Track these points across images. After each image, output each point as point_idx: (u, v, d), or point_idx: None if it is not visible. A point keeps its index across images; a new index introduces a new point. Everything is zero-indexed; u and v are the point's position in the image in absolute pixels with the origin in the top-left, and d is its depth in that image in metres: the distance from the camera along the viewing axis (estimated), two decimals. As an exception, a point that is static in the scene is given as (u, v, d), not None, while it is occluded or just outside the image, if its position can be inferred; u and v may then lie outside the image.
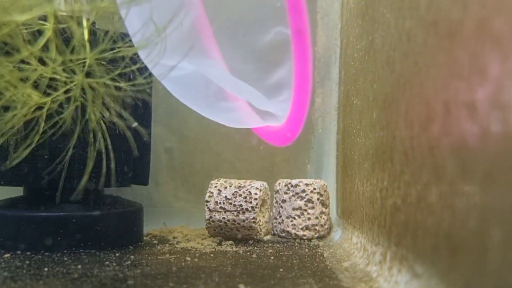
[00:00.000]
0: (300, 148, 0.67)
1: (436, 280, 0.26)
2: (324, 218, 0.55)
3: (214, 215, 0.52)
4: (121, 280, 0.35)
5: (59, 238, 0.44)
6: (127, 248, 0.47)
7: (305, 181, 0.55)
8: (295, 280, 0.35)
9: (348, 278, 0.37)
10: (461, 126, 0.23)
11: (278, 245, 0.51)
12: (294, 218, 0.54)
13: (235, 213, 0.51)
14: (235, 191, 0.52)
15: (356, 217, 0.47)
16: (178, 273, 0.37)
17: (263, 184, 0.53)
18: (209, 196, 0.52)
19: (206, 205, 0.52)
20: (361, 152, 0.45)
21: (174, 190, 0.67)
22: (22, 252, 0.44)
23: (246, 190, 0.52)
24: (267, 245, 0.51)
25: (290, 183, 0.55)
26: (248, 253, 0.46)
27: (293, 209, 0.55)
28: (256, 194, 0.52)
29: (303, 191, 0.55)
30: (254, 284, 0.34)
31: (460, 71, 0.23)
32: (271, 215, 0.57)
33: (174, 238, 0.54)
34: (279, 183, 0.56)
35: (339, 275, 0.38)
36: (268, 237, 0.56)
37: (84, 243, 0.45)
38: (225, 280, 0.35)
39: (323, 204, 0.55)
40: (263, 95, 0.52)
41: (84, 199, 0.47)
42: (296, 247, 0.50)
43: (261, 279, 0.35)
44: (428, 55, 0.28)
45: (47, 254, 0.43)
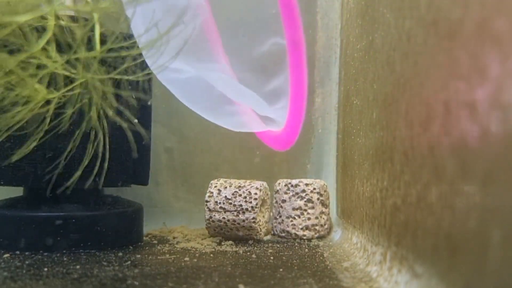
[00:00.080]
0: (300, 148, 0.67)
1: (436, 280, 0.26)
2: (324, 218, 0.55)
3: (214, 215, 0.52)
4: (121, 280, 0.34)
5: (59, 238, 0.44)
6: (127, 248, 0.47)
7: (305, 181, 0.55)
8: (295, 280, 0.35)
9: (348, 278, 0.37)
10: (461, 126, 0.23)
11: (278, 245, 0.51)
12: (294, 218, 0.54)
13: (235, 213, 0.51)
14: (235, 191, 0.52)
15: (356, 217, 0.47)
16: (177, 273, 0.37)
17: (263, 184, 0.53)
18: (209, 196, 0.52)
19: (206, 205, 0.52)
20: (361, 152, 0.45)
21: (174, 190, 0.67)
22: (22, 252, 0.44)
23: (246, 190, 0.52)
24: (267, 245, 0.51)
25: (290, 183, 0.55)
26: (248, 253, 0.46)
27: (293, 209, 0.55)
28: (256, 194, 0.52)
29: (303, 191, 0.55)
30: (254, 284, 0.34)
31: (460, 71, 0.23)
32: (271, 215, 0.57)
33: (174, 238, 0.54)
34: (279, 183, 0.56)
35: (339, 275, 0.38)
36: (268, 237, 0.56)
37: (84, 243, 0.45)
38: (225, 280, 0.35)
39: (323, 204, 0.55)
40: (263, 101, 0.53)
41: (84, 199, 0.47)
42: (296, 247, 0.50)
43: (261, 279, 0.35)
44: (428, 55, 0.28)
45: (47, 254, 0.43)
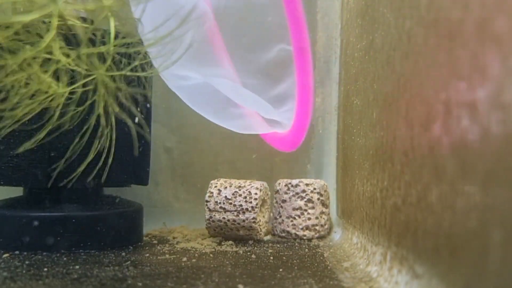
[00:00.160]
0: (300, 148, 0.66)
1: (437, 281, 0.26)
2: (324, 218, 0.55)
3: (214, 215, 0.52)
4: (120, 280, 0.34)
5: (58, 238, 0.44)
6: (127, 248, 0.47)
7: (305, 181, 0.55)
8: (295, 281, 0.35)
9: (348, 278, 0.37)
10: (461, 126, 0.23)
11: (278, 245, 0.51)
12: (294, 218, 0.54)
13: (235, 213, 0.51)
14: (235, 191, 0.52)
15: (356, 217, 0.47)
16: (177, 273, 0.37)
17: (263, 184, 0.53)
18: (209, 196, 0.52)
19: (206, 205, 0.52)
20: (361, 152, 0.45)
21: (174, 190, 0.67)
22: (21, 252, 0.43)
23: (246, 190, 0.52)
24: (267, 245, 0.51)
25: (290, 183, 0.55)
26: (248, 253, 0.46)
27: (293, 209, 0.55)
28: (256, 194, 0.52)
29: (303, 191, 0.55)
30: (254, 284, 0.34)
31: (460, 71, 0.23)
32: (271, 215, 0.57)
33: (174, 238, 0.54)
34: (279, 183, 0.56)
35: (339, 275, 0.38)
36: (268, 237, 0.56)
37: (83, 243, 0.45)
38: (225, 281, 0.35)
39: (323, 204, 0.55)
40: (269, 104, 0.54)
41: (84, 199, 0.47)
42: (296, 247, 0.50)
43: (261, 279, 0.35)
44: (428, 55, 0.28)
45: (47, 254, 0.43)
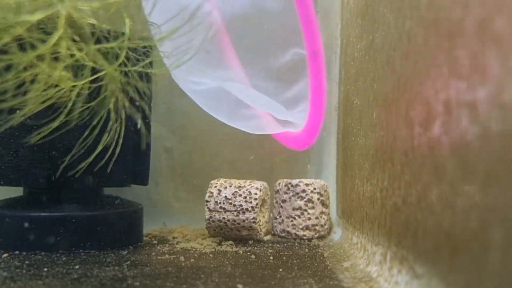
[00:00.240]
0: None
1: (437, 281, 0.26)
2: (324, 218, 0.55)
3: (214, 215, 0.52)
4: (120, 280, 0.34)
5: (58, 238, 0.44)
6: (127, 248, 0.47)
7: (305, 181, 0.55)
8: (295, 281, 0.35)
9: (348, 278, 0.37)
10: (461, 126, 0.23)
11: (278, 245, 0.51)
12: (294, 218, 0.54)
13: (235, 213, 0.51)
14: (235, 191, 0.52)
15: (356, 217, 0.47)
16: (177, 273, 0.37)
17: (263, 184, 0.53)
18: (209, 196, 0.52)
19: (206, 205, 0.52)
20: (361, 152, 0.45)
21: (174, 190, 0.67)
22: (21, 252, 0.43)
23: (246, 190, 0.52)
24: (267, 245, 0.51)
25: (290, 183, 0.55)
26: (248, 253, 0.46)
27: (293, 209, 0.55)
28: (256, 194, 0.52)
29: (303, 191, 0.55)
30: (254, 284, 0.34)
31: (460, 71, 0.23)
32: (271, 215, 0.57)
33: (174, 238, 0.54)
34: (279, 183, 0.56)
35: (339, 275, 0.38)
36: (268, 237, 0.56)
37: (84, 243, 0.45)
38: (225, 281, 0.35)
39: (323, 204, 0.55)
40: (282, 106, 0.54)
41: (84, 199, 0.47)
42: (296, 247, 0.50)
43: (261, 280, 0.35)
44: (429, 55, 0.28)
45: (47, 254, 0.43)
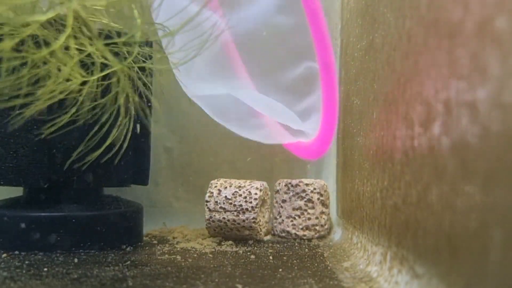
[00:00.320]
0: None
1: (437, 281, 0.26)
2: (324, 218, 0.55)
3: (214, 215, 0.52)
4: (120, 280, 0.34)
5: (58, 238, 0.44)
6: (127, 248, 0.47)
7: (305, 181, 0.55)
8: (295, 281, 0.35)
9: (348, 278, 0.37)
10: (461, 126, 0.23)
11: (278, 245, 0.51)
12: (294, 218, 0.54)
13: (235, 213, 0.51)
14: (235, 191, 0.52)
15: (357, 217, 0.47)
16: (177, 273, 0.37)
17: (263, 184, 0.53)
18: (209, 196, 0.52)
19: (206, 205, 0.52)
20: (361, 152, 0.45)
21: (174, 190, 0.67)
22: (21, 252, 0.43)
23: (246, 190, 0.52)
24: (267, 245, 0.51)
25: (290, 183, 0.55)
26: (248, 253, 0.46)
27: (293, 209, 0.55)
28: (256, 194, 0.52)
29: (303, 191, 0.55)
30: (254, 284, 0.34)
31: (460, 70, 0.23)
32: (271, 215, 0.57)
33: (174, 238, 0.54)
34: (279, 183, 0.56)
35: (339, 275, 0.38)
36: (268, 237, 0.56)
37: (84, 243, 0.45)
38: (225, 281, 0.35)
39: (323, 204, 0.55)
40: (295, 115, 0.55)
41: (84, 199, 0.47)
42: (296, 247, 0.50)
43: (261, 280, 0.35)
44: (429, 55, 0.28)
45: (47, 254, 0.43)
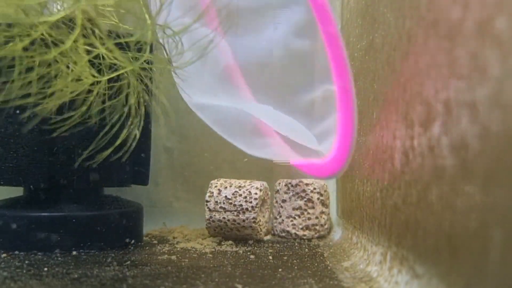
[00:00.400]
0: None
1: (437, 281, 0.26)
2: (324, 218, 0.55)
3: (214, 215, 0.52)
4: (121, 280, 0.34)
5: (58, 238, 0.44)
6: (127, 248, 0.47)
7: (305, 181, 0.55)
8: (295, 280, 0.35)
9: (348, 278, 0.37)
10: (461, 125, 0.23)
11: (278, 245, 0.51)
12: (294, 218, 0.54)
13: (235, 213, 0.51)
14: (235, 191, 0.52)
15: (356, 217, 0.47)
16: (177, 273, 0.37)
17: (263, 184, 0.53)
18: (209, 196, 0.52)
19: (206, 205, 0.52)
20: (361, 152, 0.45)
21: (174, 190, 0.67)
22: (21, 252, 0.43)
23: (246, 190, 0.52)
24: (267, 245, 0.51)
25: (290, 183, 0.55)
26: (248, 253, 0.46)
27: (293, 209, 0.55)
28: (256, 194, 0.52)
29: (303, 191, 0.55)
30: (254, 284, 0.34)
31: (460, 70, 0.23)
32: (271, 215, 0.57)
33: (174, 238, 0.54)
34: (279, 183, 0.56)
35: (339, 275, 0.38)
36: (268, 237, 0.56)
37: (84, 243, 0.45)
38: (225, 280, 0.35)
39: (323, 204, 0.55)
40: (309, 131, 0.55)
41: (84, 199, 0.47)
42: (296, 247, 0.50)
43: (261, 279, 0.35)
44: (428, 55, 0.28)
45: (47, 254, 0.43)
